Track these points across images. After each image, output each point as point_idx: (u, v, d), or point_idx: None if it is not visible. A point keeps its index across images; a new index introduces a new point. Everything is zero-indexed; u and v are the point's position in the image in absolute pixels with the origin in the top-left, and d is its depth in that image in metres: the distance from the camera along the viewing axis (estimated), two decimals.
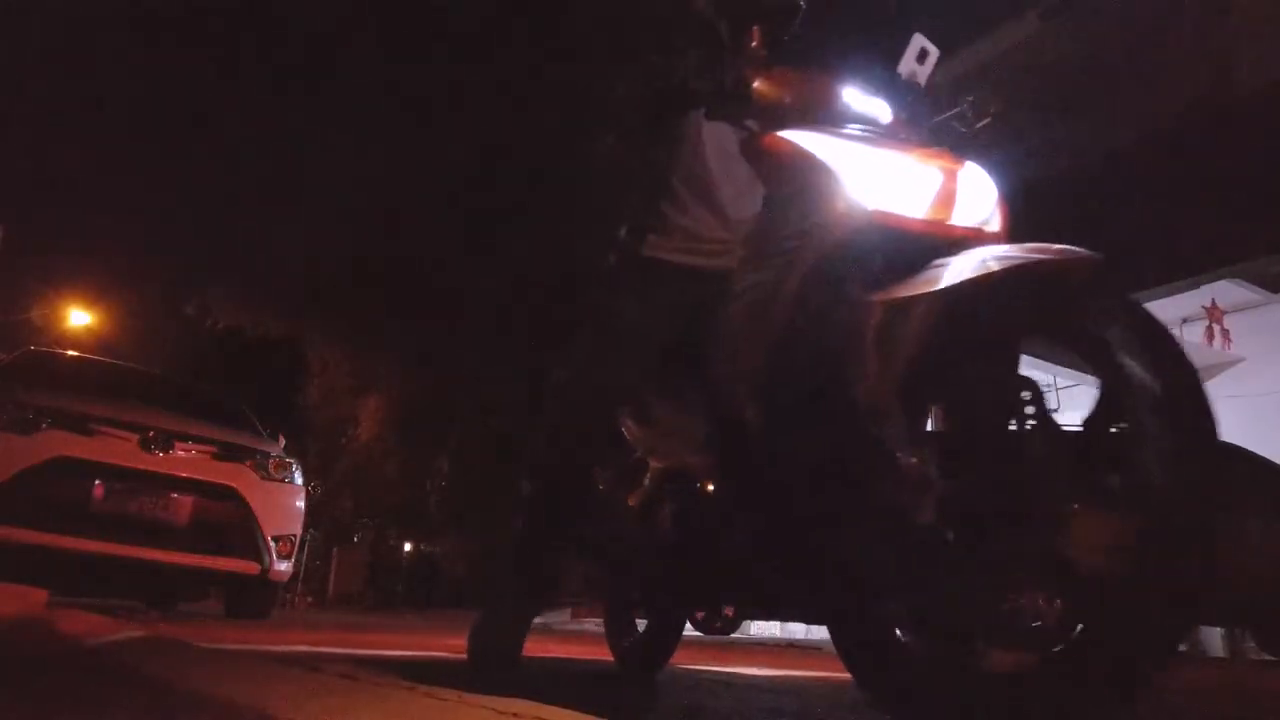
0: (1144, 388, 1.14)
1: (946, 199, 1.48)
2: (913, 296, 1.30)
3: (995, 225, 1.56)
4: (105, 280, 14.65)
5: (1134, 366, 1.16)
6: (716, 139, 2.01)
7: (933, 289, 1.28)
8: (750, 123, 1.74)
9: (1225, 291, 9.20)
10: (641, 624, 2.65)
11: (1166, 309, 9.16)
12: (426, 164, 10.64)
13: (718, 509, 1.90)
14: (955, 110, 1.75)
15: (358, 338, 14.33)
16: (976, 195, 1.53)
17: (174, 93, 10.48)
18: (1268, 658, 6.80)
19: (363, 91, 10.34)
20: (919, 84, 1.72)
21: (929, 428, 1.48)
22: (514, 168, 10.27)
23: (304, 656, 2.24)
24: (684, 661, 3.23)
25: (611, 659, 2.71)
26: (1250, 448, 6.58)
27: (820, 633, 8.35)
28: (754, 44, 1.84)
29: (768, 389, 1.51)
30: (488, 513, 14.98)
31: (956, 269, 1.29)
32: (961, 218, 1.49)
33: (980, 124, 1.76)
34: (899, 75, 1.72)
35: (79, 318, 16.12)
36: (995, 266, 1.25)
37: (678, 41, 1.87)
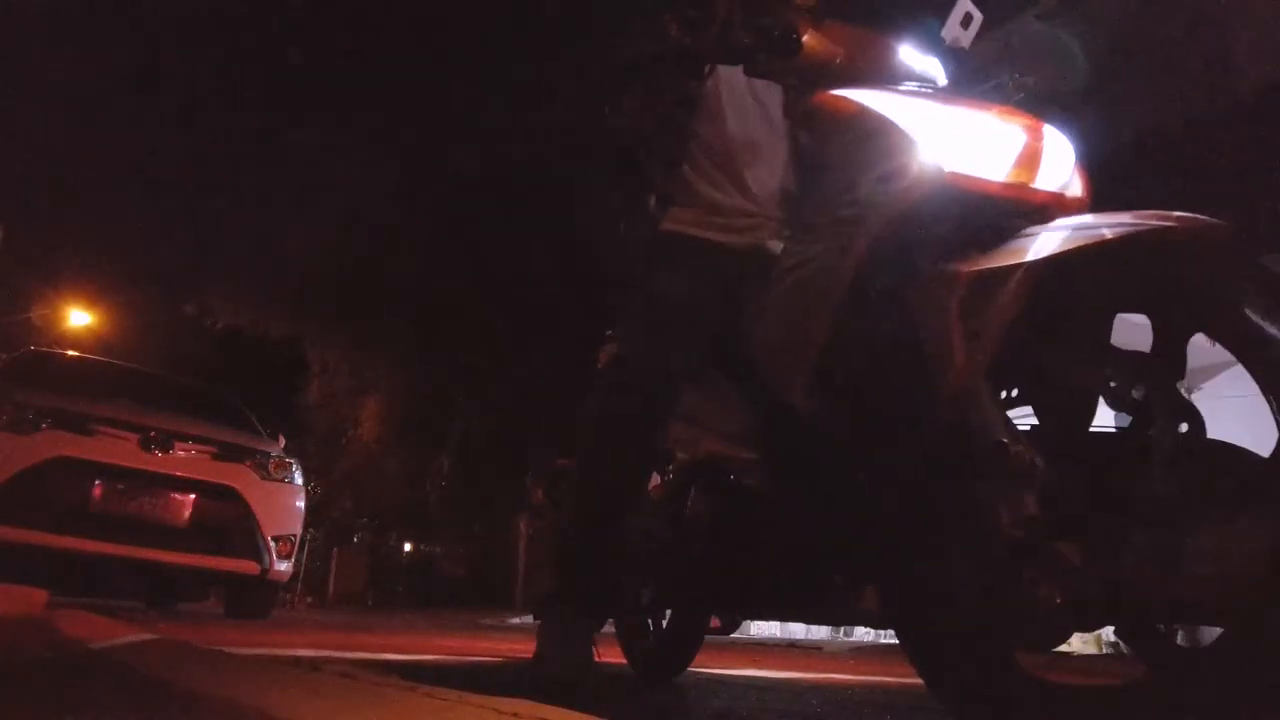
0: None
1: (1030, 160, 1.33)
2: (1008, 266, 1.15)
3: (1077, 190, 1.43)
4: (105, 280, 14.63)
5: (1265, 349, 1.04)
6: (736, 106, 1.88)
7: (1034, 258, 1.14)
8: (793, 82, 1.57)
9: None
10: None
11: None
12: (427, 162, 10.64)
13: (764, 508, 1.74)
14: (995, 82, 1.62)
15: (358, 338, 14.33)
16: (1058, 158, 1.38)
17: (174, 92, 10.48)
18: None
19: (363, 91, 10.34)
20: (964, 49, 1.62)
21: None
22: (515, 162, 10.25)
23: (304, 656, 2.24)
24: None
25: (619, 661, 2.63)
26: (1250, 448, 6.58)
27: (820, 633, 8.33)
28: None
29: (828, 376, 1.37)
30: (488, 513, 14.99)
31: (1057, 237, 1.15)
32: (1045, 182, 1.34)
33: (1018, 97, 1.61)
34: (943, 40, 1.61)
35: (79, 318, 16.11)
36: (1109, 234, 1.12)
37: None
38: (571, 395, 2.31)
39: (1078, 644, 8.84)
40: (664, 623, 2.42)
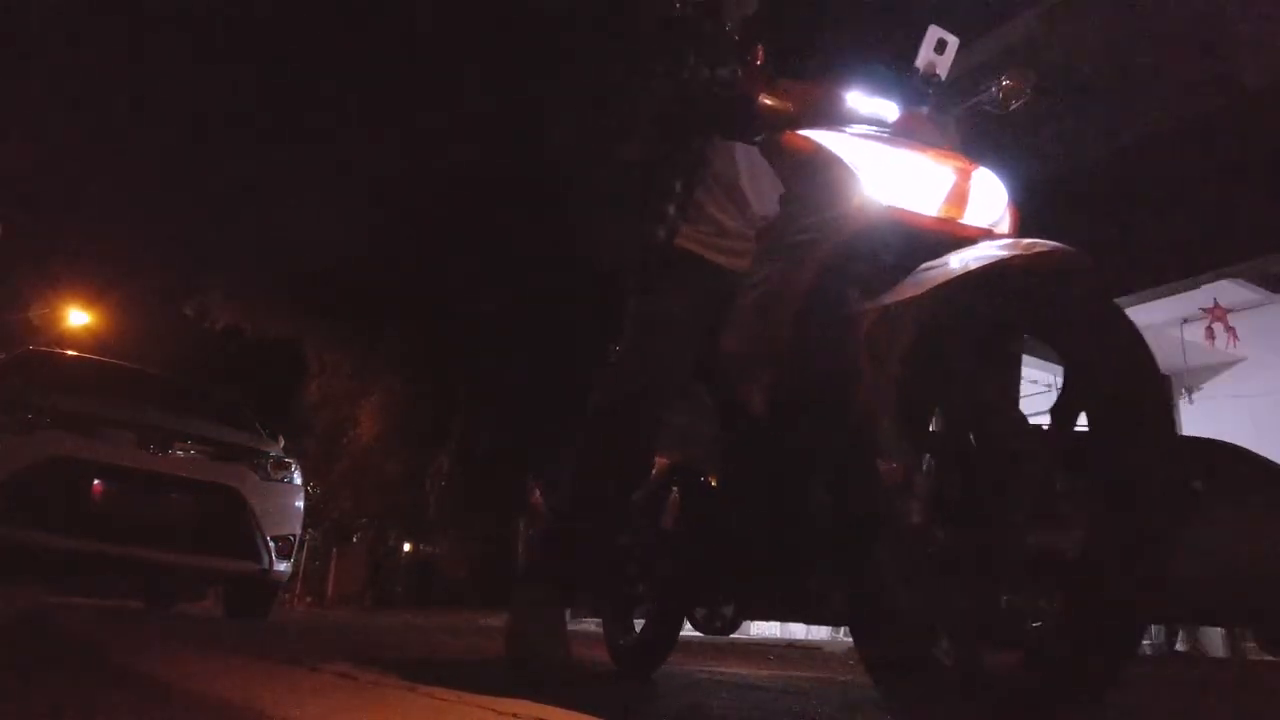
0: (1104, 383, 1.15)
1: (959, 199, 1.50)
2: (900, 302, 1.32)
3: (1005, 226, 1.58)
4: (104, 280, 14.64)
5: (1096, 361, 1.17)
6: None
7: (915, 294, 1.30)
8: (760, 135, 1.75)
9: (1225, 291, 9.20)
10: (639, 624, 2.60)
11: (1167, 309, 9.16)
12: (429, 164, 10.64)
13: (719, 504, 1.89)
14: (983, 93, 1.76)
15: (357, 338, 14.33)
16: (988, 197, 1.55)
17: (174, 92, 10.48)
18: (1268, 658, 6.79)
19: (363, 91, 10.34)
20: (938, 75, 1.74)
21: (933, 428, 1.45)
22: (518, 168, 10.27)
23: (303, 656, 2.24)
24: (682, 661, 3.23)
25: (609, 659, 2.68)
26: (1250, 448, 6.58)
27: (820, 633, 8.33)
28: (758, 61, 1.84)
29: (777, 385, 1.54)
30: (488, 513, 14.98)
31: (942, 270, 1.30)
32: (973, 218, 1.52)
33: (1016, 102, 1.77)
34: (917, 69, 1.74)
35: (78, 317, 16.10)
36: (974, 266, 1.27)
37: (689, 62, 1.88)
38: (572, 395, 2.38)
39: None
40: (645, 619, 2.52)
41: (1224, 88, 7.66)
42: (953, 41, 1.75)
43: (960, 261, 1.29)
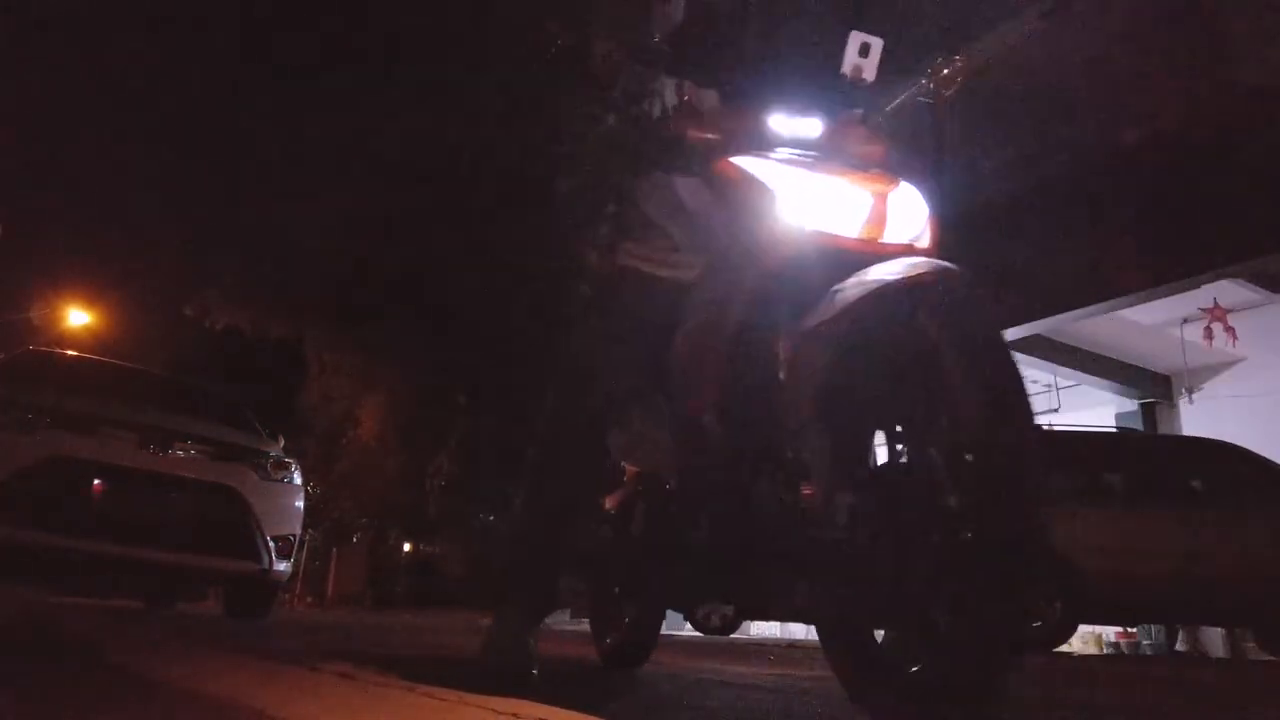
0: (969, 403, 1.25)
1: (878, 219, 1.59)
2: (812, 328, 1.43)
3: (925, 241, 1.65)
4: (104, 279, 14.64)
5: (961, 381, 1.26)
6: None
7: (824, 317, 1.42)
8: (694, 164, 1.81)
9: (1225, 291, 9.20)
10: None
11: (1167, 309, 9.17)
12: (424, 163, 10.64)
13: (677, 511, 2.00)
14: (914, 86, 1.82)
15: (358, 337, 14.32)
16: (907, 214, 1.63)
17: (174, 90, 10.48)
18: (1268, 658, 6.80)
19: (363, 90, 10.33)
20: (865, 78, 1.78)
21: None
22: (503, 169, 10.28)
23: (303, 656, 2.24)
24: (684, 661, 3.23)
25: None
26: (1250, 448, 6.59)
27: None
28: (685, 96, 1.90)
29: (720, 401, 1.65)
30: (488, 513, 14.98)
31: (845, 296, 1.41)
32: (893, 235, 1.60)
33: (948, 91, 1.82)
34: (844, 75, 1.78)
35: (78, 317, 16.10)
36: (869, 287, 1.38)
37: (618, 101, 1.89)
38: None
39: (1078, 644, 8.85)
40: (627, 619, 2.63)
41: (1224, 88, 7.65)
42: (876, 43, 1.78)
43: (859, 285, 1.40)
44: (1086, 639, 9.44)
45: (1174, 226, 7.55)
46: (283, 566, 5.27)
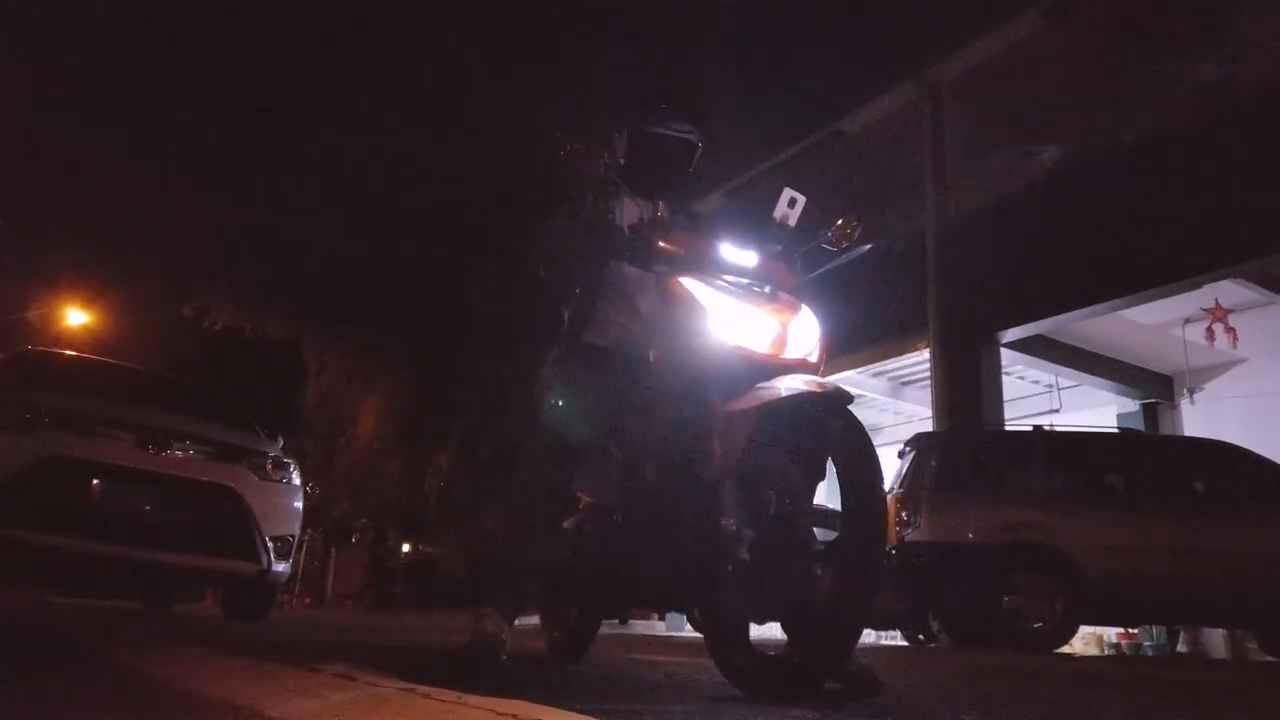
0: (848, 492, 1.81)
1: (781, 340, 2.14)
2: (734, 412, 1.99)
3: (814, 357, 2.20)
4: (103, 279, 14.62)
5: (845, 476, 1.83)
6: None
7: (743, 408, 1.98)
8: (658, 267, 2.32)
9: (1225, 291, 9.20)
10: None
11: (1167, 309, 9.16)
12: (423, 164, 10.64)
13: (620, 535, 2.45)
14: (821, 236, 2.41)
15: (357, 337, 14.33)
16: (803, 336, 2.18)
17: (173, 91, 10.48)
18: (1269, 659, 6.79)
19: (362, 90, 10.34)
20: (789, 225, 2.35)
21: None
22: (514, 160, 10.28)
23: (303, 656, 2.23)
24: (686, 660, 3.23)
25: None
26: (1251, 448, 6.58)
27: None
28: (660, 214, 2.54)
29: (661, 456, 2.19)
30: (485, 514, 14.95)
31: (766, 392, 1.96)
32: (792, 352, 2.15)
33: (844, 246, 2.43)
34: (774, 219, 2.35)
35: (77, 317, 16.08)
36: (781, 394, 1.92)
37: (586, 201, 2.50)
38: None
39: (1079, 645, 8.84)
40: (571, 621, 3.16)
41: (1224, 88, 7.65)
42: (801, 199, 2.34)
43: (775, 389, 1.94)
44: (1087, 640, 9.43)
45: (1174, 226, 7.55)
46: (281, 567, 5.26)
